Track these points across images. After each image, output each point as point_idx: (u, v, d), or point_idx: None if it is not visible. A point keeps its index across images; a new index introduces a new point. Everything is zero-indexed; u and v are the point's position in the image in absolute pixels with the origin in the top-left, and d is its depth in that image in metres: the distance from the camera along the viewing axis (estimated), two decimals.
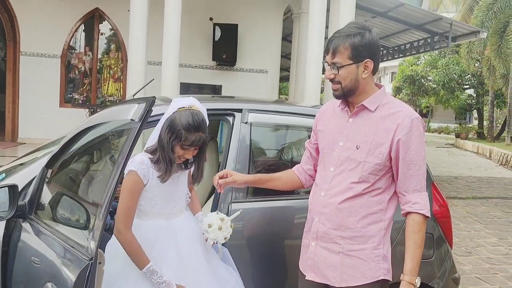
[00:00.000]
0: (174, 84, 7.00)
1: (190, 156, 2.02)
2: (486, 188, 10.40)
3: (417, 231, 1.86)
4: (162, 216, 2.04)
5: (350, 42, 1.81)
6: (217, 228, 2.04)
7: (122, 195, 1.93)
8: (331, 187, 1.92)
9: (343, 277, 1.91)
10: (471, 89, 26.39)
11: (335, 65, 1.85)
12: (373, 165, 1.86)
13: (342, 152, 1.90)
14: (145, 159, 1.97)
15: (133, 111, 1.63)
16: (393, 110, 1.87)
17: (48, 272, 1.76)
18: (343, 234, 1.90)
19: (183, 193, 2.14)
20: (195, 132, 1.94)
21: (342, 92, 1.88)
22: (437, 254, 2.79)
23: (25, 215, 2.16)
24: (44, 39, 9.95)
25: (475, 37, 11.31)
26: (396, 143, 1.83)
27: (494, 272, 5.02)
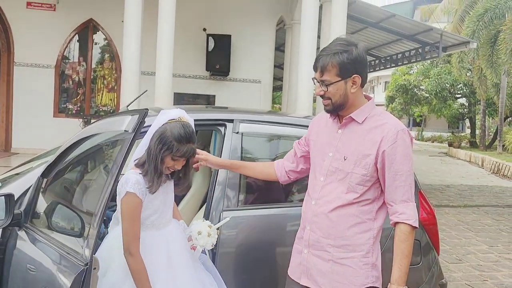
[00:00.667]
0: (168, 94, 7.06)
1: (179, 166, 2.05)
2: (478, 196, 10.50)
3: (404, 241, 1.90)
4: (154, 227, 2.07)
5: (338, 60, 1.86)
6: (207, 235, 2.11)
7: (125, 218, 1.95)
8: (320, 196, 1.97)
9: (333, 284, 1.96)
10: (463, 98, 26.65)
11: (324, 83, 1.91)
12: (360, 176, 1.91)
13: (331, 163, 1.96)
14: (140, 178, 1.98)
15: (127, 123, 1.70)
16: (380, 122, 1.92)
17: (44, 278, 1.81)
18: (333, 242, 1.95)
19: (171, 202, 2.19)
20: (187, 143, 1.98)
21: (332, 107, 1.95)
22: (424, 260, 2.85)
23: (21, 223, 2.20)
24: (38, 50, 10.00)
25: (465, 47, 11.50)
26: (382, 154, 1.88)
27: (484, 279, 5.08)
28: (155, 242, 2.06)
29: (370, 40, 13.03)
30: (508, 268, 5.48)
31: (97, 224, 1.76)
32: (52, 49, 10.12)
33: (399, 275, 1.90)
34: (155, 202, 2.04)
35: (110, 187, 1.71)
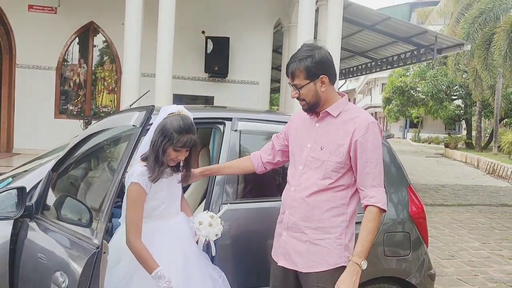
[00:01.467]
0: (167, 96, 7.20)
1: (183, 157, 2.17)
2: (472, 196, 10.67)
3: (371, 220, 2.06)
4: (162, 218, 2.20)
5: (304, 64, 2.07)
6: (208, 225, 2.21)
7: (128, 207, 2.08)
8: (299, 183, 2.17)
9: (309, 264, 2.14)
10: (460, 99, 26.86)
11: (296, 87, 2.12)
12: (335, 163, 2.10)
13: (309, 153, 2.16)
14: (144, 170, 2.10)
15: (135, 118, 1.85)
16: (353, 115, 2.13)
17: (56, 262, 1.95)
18: (310, 225, 2.13)
19: (178, 195, 2.31)
20: (186, 134, 2.09)
21: (308, 107, 2.16)
22: (413, 252, 3.00)
23: (32, 215, 2.33)
24: (39, 52, 10.13)
25: (460, 49, 11.68)
26: (354, 143, 2.07)
27: (475, 274, 5.23)
28: (167, 230, 2.19)
29: (366, 42, 13.21)
30: (499, 264, 5.63)
31: (104, 218, 1.88)
32: (53, 51, 10.26)
33: (361, 249, 2.04)
34: (161, 193, 2.17)
35: (117, 181, 1.85)
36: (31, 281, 2.26)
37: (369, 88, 49.27)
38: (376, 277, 2.95)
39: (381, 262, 2.91)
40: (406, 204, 3.05)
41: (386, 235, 2.93)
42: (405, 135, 42.43)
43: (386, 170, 3.05)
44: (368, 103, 48.73)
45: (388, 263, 2.94)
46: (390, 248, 2.93)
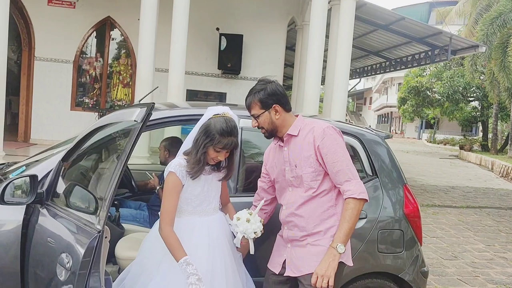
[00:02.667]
0: (180, 91, 7.35)
1: (222, 158, 2.26)
2: (482, 198, 10.62)
3: (347, 209, 2.25)
4: (196, 214, 2.29)
5: (257, 97, 2.33)
6: (245, 220, 2.28)
7: (164, 195, 2.19)
8: (288, 201, 2.39)
9: (311, 264, 2.28)
10: (476, 101, 26.54)
11: (254, 116, 2.36)
12: (310, 174, 2.31)
13: (290, 174, 2.37)
14: (182, 162, 2.22)
15: (136, 114, 1.99)
16: (309, 127, 2.36)
17: (63, 245, 2.10)
18: (307, 232, 2.33)
19: (216, 193, 2.38)
20: (228, 136, 2.20)
21: (268, 134, 2.39)
22: (406, 250, 3.08)
23: (43, 201, 2.49)
24: (57, 45, 10.38)
25: (475, 51, 11.61)
26: (317, 150, 2.29)
27: (476, 275, 5.28)
28: (197, 226, 2.27)
29: (380, 42, 13.21)
30: (501, 266, 5.66)
31: (106, 206, 2.01)
32: (71, 45, 10.50)
33: (338, 234, 2.24)
34: (196, 188, 2.26)
35: (119, 172, 1.99)
36: (40, 262, 2.42)
37: (385, 87, 48.92)
38: (369, 272, 3.06)
39: (374, 258, 3.01)
40: (401, 203, 3.14)
41: (380, 232, 3.03)
42: (420, 135, 42.05)
43: (384, 169, 3.18)
44: (384, 103, 48.41)
45: (381, 259, 3.03)
46: (384, 245, 3.03)
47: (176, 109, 3.13)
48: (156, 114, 2.28)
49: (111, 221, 3.52)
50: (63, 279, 1.96)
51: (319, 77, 7.60)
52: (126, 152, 1.95)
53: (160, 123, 2.75)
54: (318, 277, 2.18)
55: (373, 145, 3.18)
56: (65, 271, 1.97)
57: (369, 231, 2.96)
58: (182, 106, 3.26)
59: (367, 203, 2.37)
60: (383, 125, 53.25)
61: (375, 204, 3.05)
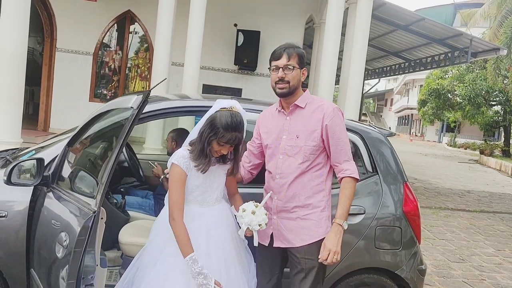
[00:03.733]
0: (195, 85, 7.44)
1: (226, 152, 2.26)
2: (497, 203, 10.46)
3: (348, 188, 2.39)
4: (197, 203, 2.31)
5: (299, 52, 2.39)
6: (251, 212, 2.28)
7: (170, 188, 2.22)
8: (283, 170, 2.42)
9: (302, 237, 2.40)
10: (499, 106, 26.03)
11: (288, 67, 2.36)
12: (311, 147, 2.39)
13: (286, 143, 2.42)
14: (186, 153, 2.24)
15: (133, 101, 2.07)
16: (318, 104, 2.44)
17: (63, 225, 2.20)
18: (298, 204, 2.41)
19: (219, 185, 2.38)
20: (232, 131, 2.18)
21: (288, 90, 2.39)
22: (404, 247, 3.10)
23: (49, 184, 2.60)
24: (78, 37, 10.60)
25: (495, 53, 11.44)
26: (325, 128, 2.38)
27: (482, 278, 5.23)
28: (196, 216, 2.28)
29: (400, 42, 13.10)
30: (509, 271, 5.59)
31: (103, 189, 2.08)
32: (91, 37, 10.71)
33: (341, 212, 2.37)
34: (198, 179, 2.27)
35: (114, 156, 2.06)
36: (44, 242, 2.53)
37: (407, 89, 48.34)
38: (366, 268, 3.09)
39: (371, 254, 3.03)
40: (400, 200, 3.16)
41: (378, 229, 3.05)
42: (440, 139, 41.44)
43: (385, 167, 3.20)
44: (405, 105, 47.87)
45: (378, 255, 3.06)
46: (381, 241, 3.06)
47: (187, 99, 3.24)
48: (152, 107, 2.35)
49: (117, 207, 3.62)
50: (60, 256, 2.06)
51: (333, 75, 7.60)
52: (122, 137, 2.03)
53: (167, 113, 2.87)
54: (330, 253, 2.29)
55: (375, 142, 3.20)
56: (62, 249, 2.07)
57: (367, 227, 2.99)
58: (193, 98, 3.38)
59: (366, 199, 2.54)
60: (403, 127, 52.64)
61: (374, 201, 3.08)
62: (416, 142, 39.73)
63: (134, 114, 1.99)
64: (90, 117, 2.60)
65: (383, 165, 3.18)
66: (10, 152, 3.50)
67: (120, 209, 3.58)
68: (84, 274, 1.88)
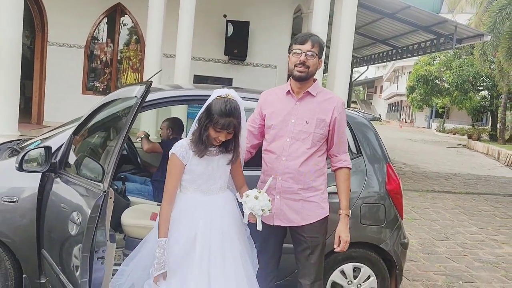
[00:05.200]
0: (186, 76, 7.62)
1: (223, 138, 2.30)
2: (482, 185, 10.80)
3: (348, 179, 2.65)
4: (200, 192, 2.38)
5: (320, 41, 2.54)
6: (254, 197, 2.33)
7: (167, 175, 2.34)
8: (290, 153, 2.55)
9: (304, 217, 2.59)
10: (486, 91, 26.44)
11: (311, 53, 2.48)
12: (319, 135, 2.55)
13: (295, 127, 2.55)
14: (185, 143, 2.31)
15: (137, 90, 2.27)
16: (328, 96, 2.62)
17: (74, 206, 2.41)
18: (302, 186, 2.57)
19: (222, 174, 2.43)
20: (226, 117, 2.24)
21: (306, 75, 2.51)
22: (387, 222, 3.35)
23: (56, 170, 2.80)
24: (70, 31, 10.66)
25: (480, 39, 11.70)
26: (334, 119, 2.56)
27: (465, 254, 5.52)
28: (200, 204, 2.36)
29: (387, 30, 13.32)
30: (491, 247, 5.90)
31: (111, 172, 2.27)
32: (82, 31, 10.78)
33: (346, 203, 2.62)
34: (198, 168, 2.34)
35: (120, 143, 2.25)
36: (54, 225, 2.73)
37: (396, 76, 48.69)
38: (353, 242, 3.33)
39: (357, 229, 3.27)
40: (384, 180, 3.40)
41: (363, 206, 3.31)
42: (430, 125, 41.94)
43: (369, 148, 3.45)
44: (394, 91, 48.23)
45: (364, 230, 3.32)
46: (366, 218, 3.31)
47: (180, 89, 3.45)
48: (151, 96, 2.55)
49: (118, 193, 3.83)
50: (74, 233, 2.27)
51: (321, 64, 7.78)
52: (127, 125, 2.22)
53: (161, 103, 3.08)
54: (342, 242, 2.58)
55: (360, 126, 3.45)
56: (75, 226, 2.28)
57: (352, 205, 3.22)
58: (186, 88, 3.59)
59: (352, 179, 2.72)
60: (393, 113, 53.07)
61: (359, 180, 3.33)
62: (406, 128, 40.17)
63: (138, 102, 2.18)
64: (94, 107, 2.80)
65: (367, 147, 3.43)
66: (15, 142, 3.68)
67: (121, 194, 3.79)
68: (97, 247, 2.09)
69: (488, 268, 5.09)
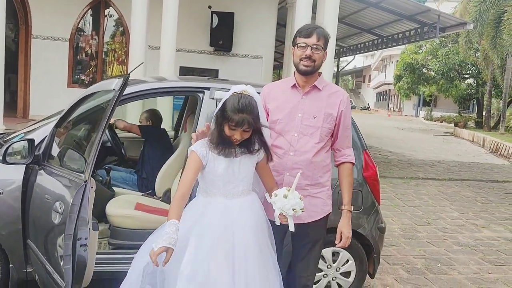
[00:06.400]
0: (171, 68, 7.65)
1: (238, 137, 2.19)
2: (465, 172, 11.01)
3: (351, 174, 2.62)
4: (222, 196, 2.26)
5: (326, 34, 2.45)
6: (283, 196, 2.18)
7: (184, 170, 2.27)
8: (298, 148, 2.47)
9: (311, 214, 2.53)
10: (472, 78, 26.75)
11: (317, 47, 2.40)
12: (327, 129, 2.51)
13: (302, 121, 2.48)
14: (206, 143, 2.24)
15: (115, 83, 2.33)
16: (334, 89, 2.56)
17: (57, 196, 2.48)
18: (310, 182, 2.52)
19: (245, 176, 2.30)
20: (239, 113, 2.14)
21: (313, 69, 2.44)
22: (364, 208, 3.48)
23: (40, 162, 2.87)
24: (54, 23, 10.60)
25: (463, 28, 11.85)
26: (340, 113, 2.51)
27: (445, 238, 5.69)
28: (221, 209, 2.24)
29: (372, 19, 13.42)
30: (471, 231, 6.07)
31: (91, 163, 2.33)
32: (67, 23, 10.72)
33: (348, 199, 2.60)
34: (218, 170, 2.24)
35: (100, 134, 2.33)
36: (38, 216, 2.80)
37: (384, 64, 48.97)
38: (332, 227, 3.45)
39: (335, 215, 3.36)
40: (361, 167, 3.51)
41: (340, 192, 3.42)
42: (418, 113, 42.34)
43: None
44: (382, 80, 48.53)
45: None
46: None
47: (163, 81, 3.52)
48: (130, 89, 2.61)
49: (103, 184, 3.91)
50: (57, 222, 2.35)
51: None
52: (106, 117, 2.30)
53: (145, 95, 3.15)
54: (344, 238, 2.56)
55: None
56: (58, 215, 2.36)
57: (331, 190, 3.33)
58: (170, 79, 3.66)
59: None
60: (381, 102, 53.44)
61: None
62: (394, 117, 40.51)
63: (116, 95, 2.25)
64: (75, 100, 2.86)
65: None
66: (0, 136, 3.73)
67: (105, 185, 3.87)
68: (79, 235, 2.17)
69: (467, 251, 5.26)
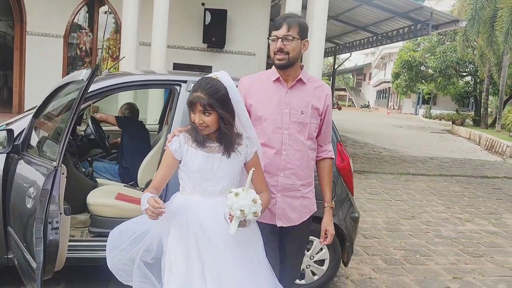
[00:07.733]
0: (162, 65, 7.74)
1: (197, 119, 2.04)
2: (456, 168, 11.09)
3: (331, 170, 2.56)
4: (198, 193, 2.12)
5: (300, 21, 2.27)
6: (234, 195, 1.95)
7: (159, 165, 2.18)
8: (289, 147, 2.33)
9: (301, 215, 2.44)
10: (469, 76, 26.78)
11: (287, 38, 2.22)
12: (315, 125, 2.38)
13: (290, 118, 2.32)
14: (181, 138, 2.11)
15: (83, 74, 2.44)
16: (318, 83, 2.43)
17: (31, 182, 2.59)
18: (303, 182, 2.40)
19: (226, 175, 2.13)
20: (193, 92, 2.02)
21: (287, 62, 2.26)
22: (338, 198, 3.57)
23: (19, 152, 2.98)
24: (48, 20, 10.68)
25: (455, 25, 11.93)
26: (326, 108, 2.41)
27: (427, 231, 5.79)
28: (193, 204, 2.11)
29: (366, 17, 13.51)
30: (454, 225, 6.17)
31: (61, 151, 2.42)
32: (61, 20, 10.80)
33: (330, 196, 2.52)
34: (193, 165, 2.10)
35: (68, 124, 2.43)
36: (16, 200, 2.91)
37: (384, 62, 48.98)
38: None
39: None
40: (335, 158, 3.62)
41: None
42: (417, 111, 42.37)
43: None
44: (382, 78, 48.54)
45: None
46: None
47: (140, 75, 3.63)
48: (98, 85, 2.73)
49: (85, 175, 4.03)
50: (29, 206, 2.46)
51: None
52: (74, 106, 2.40)
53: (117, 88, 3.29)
54: (329, 235, 2.48)
55: None
56: (31, 200, 2.47)
57: None
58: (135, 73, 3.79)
59: None
60: (381, 100, 53.45)
61: None
62: (394, 115, 40.58)
63: (84, 85, 2.36)
64: (50, 91, 2.97)
65: None
66: None
67: (88, 176, 3.98)
68: (50, 218, 2.27)
69: (447, 243, 5.35)
